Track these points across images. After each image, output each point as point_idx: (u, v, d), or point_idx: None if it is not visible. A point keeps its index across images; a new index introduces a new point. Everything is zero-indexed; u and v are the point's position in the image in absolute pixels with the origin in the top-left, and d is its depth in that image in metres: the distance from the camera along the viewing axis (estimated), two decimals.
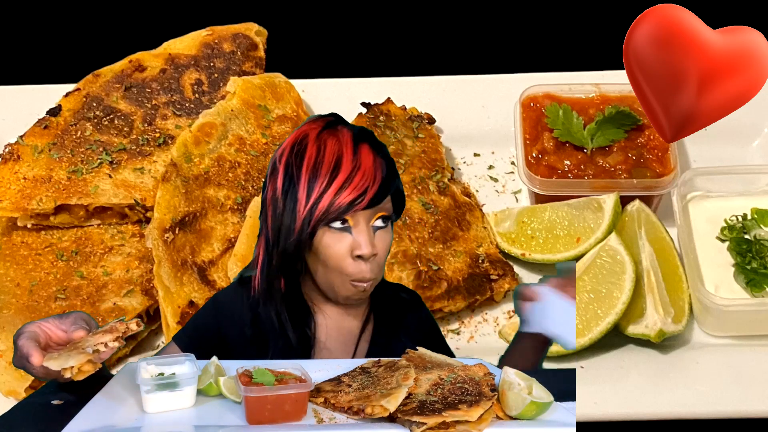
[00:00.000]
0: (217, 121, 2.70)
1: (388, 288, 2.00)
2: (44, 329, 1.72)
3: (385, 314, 1.96)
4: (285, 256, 1.85)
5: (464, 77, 2.98)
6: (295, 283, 1.90)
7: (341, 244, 1.81)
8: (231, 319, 1.92)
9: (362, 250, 1.80)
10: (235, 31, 2.97)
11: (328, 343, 1.92)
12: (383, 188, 1.81)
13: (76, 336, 1.71)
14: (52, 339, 1.72)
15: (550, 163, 2.67)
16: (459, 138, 2.89)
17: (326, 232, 1.82)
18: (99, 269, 2.54)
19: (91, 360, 1.65)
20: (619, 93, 2.76)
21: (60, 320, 1.74)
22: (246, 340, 1.90)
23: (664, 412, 2.32)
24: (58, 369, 1.64)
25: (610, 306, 2.44)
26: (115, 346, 1.68)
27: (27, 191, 2.60)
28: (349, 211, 1.78)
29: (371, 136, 1.89)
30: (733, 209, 2.57)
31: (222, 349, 1.90)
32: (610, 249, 2.51)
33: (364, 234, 1.80)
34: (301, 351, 1.90)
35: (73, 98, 2.80)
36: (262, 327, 1.90)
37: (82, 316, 1.76)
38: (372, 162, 1.82)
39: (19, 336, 1.71)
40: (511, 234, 2.64)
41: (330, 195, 1.79)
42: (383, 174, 1.82)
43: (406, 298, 2.01)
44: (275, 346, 1.89)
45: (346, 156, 1.81)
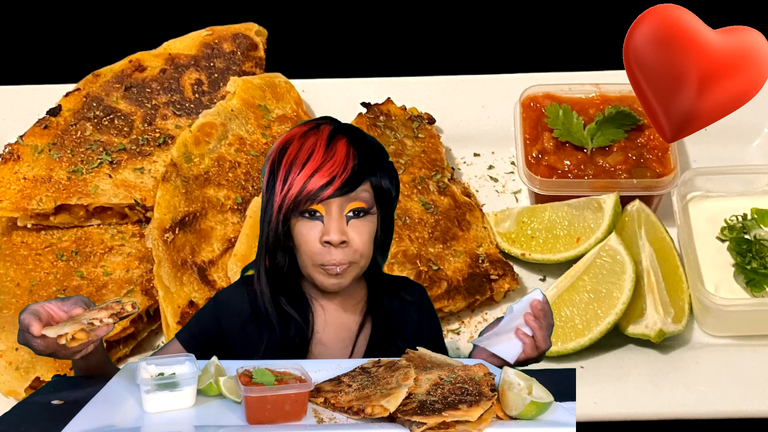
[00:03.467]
0: (217, 121, 2.70)
1: (389, 284, 2.00)
2: (47, 309, 1.77)
3: (384, 315, 1.96)
4: (268, 248, 1.90)
5: (464, 77, 2.98)
6: (285, 274, 1.92)
7: (313, 231, 1.85)
8: (231, 316, 1.94)
9: (329, 236, 1.83)
10: (235, 31, 2.97)
11: (325, 337, 1.93)
12: (354, 177, 1.84)
13: (74, 312, 1.77)
14: (54, 318, 1.76)
15: (550, 163, 2.67)
16: (459, 138, 2.89)
17: (299, 221, 1.86)
18: (99, 269, 2.54)
19: (84, 329, 1.69)
20: (619, 93, 2.77)
21: (62, 302, 1.79)
22: (246, 337, 1.92)
23: (664, 412, 2.32)
24: (54, 336, 1.68)
25: (610, 306, 2.44)
26: (110, 322, 1.72)
27: (27, 191, 2.60)
28: (317, 197, 1.82)
29: (353, 131, 1.91)
30: (733, 209, 2.57)
31: (223, 346, 1.92)
32: (610, 249, 2.51)
33: (333, 221, 1.83)
34: (298, 342, 1.91)
35: (73, 98, 2.80)
36: (259, 321, 1.91)
37: (83, 299, 1.80)
38: (345, 153, 1.85)
39: (22, 312, 1.76)
40: (511, 234, 2.64)
41: (300, 182, 1.83)
42: (355, 164, 1.84)
43: (409, 300, 2.01)
44: (272, 337, 1.90)
45: (319, 148, 1.85)
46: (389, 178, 1.92)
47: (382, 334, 1.94)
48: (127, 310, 1.75)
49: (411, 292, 2.03)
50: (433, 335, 2.01)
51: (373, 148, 1.92)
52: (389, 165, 1.93)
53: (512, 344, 1.87)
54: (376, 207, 1.89)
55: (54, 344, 1.71)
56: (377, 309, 1.96)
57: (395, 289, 2.01)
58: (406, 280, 2.14)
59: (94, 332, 1.71)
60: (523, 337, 1.87)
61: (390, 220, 1.96)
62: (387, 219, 1.94)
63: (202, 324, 1.96)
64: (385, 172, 1.90)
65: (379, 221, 1.90)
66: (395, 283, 2.04)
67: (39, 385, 2.31)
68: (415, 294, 2.03)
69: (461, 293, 2.51)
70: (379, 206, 1.89)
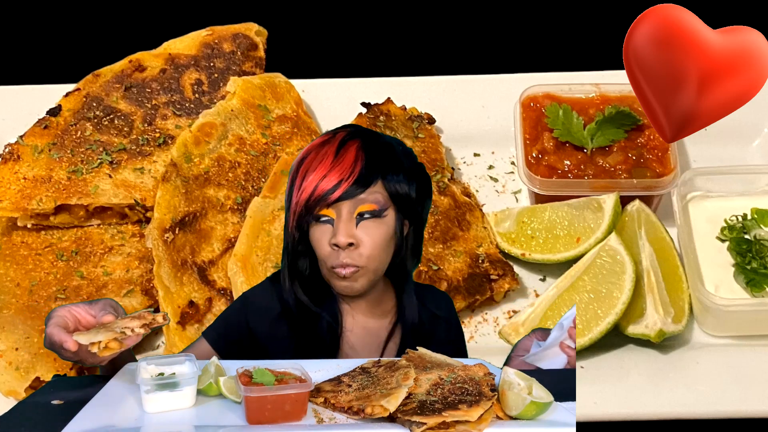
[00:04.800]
0: (217, 121, 2.70)
1: (418, 293, 2.00)
2: (74, 313, 1.77)
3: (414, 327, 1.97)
4: (290, 253, 1.93)
5: (464, 77, 2.98)
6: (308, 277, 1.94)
7: (325, 235, 1.88)
8: (260, 315, 1.96)
9: (336, 238, 1.85)
10: (235, 31, 2.97)
11: (353, 338, 1.94)
12: (362, 179, 1.86)
13: (105, 320, 1.76)
14: (81, 323, 1.77)
15: (550, 163, 2.67)
16: (459, 138, 2.89)
17: (313, 226, 1.89)
18: (99, 269, 2.54)
19: (117, 338, 1.69)
20: (619, 93, 2.76)
21: (89, 306, 1.79)
22: (276, 335, 1.94)
23: (664, 412, 2.32)
24: (87, 343, 1.68)
25: (610, 306, 2.44)
26: (141, 332, 1.72)
27: (27, 191, 2.60)
28: (325, 200, 1.85)
29: (369, 135, 1.93)
30: (733, 209, 2.57)
31: (252, 344, 1.95)
32: (610, 249, 2.51)
33: (342, 224, 1.86)
34: (329, 342, 1.92)
35: (73, 98, 2.80)
36: (290, 319, 1.93)
37: (111, 303, 1.81)
38: (354, 157, 1.87)
39: (49, 321, 1.76)
40: (511, 234, 2.64)
41: (310, 187, 1.87)
42: (363, 166, 1.86)
43: (439, 315, 2.02)
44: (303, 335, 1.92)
45: (329, 154, 1.89)
46: (408, 180, 1.91)
47: (412, 346, 1.93)
48: (158, 321, 1.76)
49: (439, 305, 2.04)
50: (458, 349, 2.03)
51: (389, 150, 1.92)
52: (411, 168, 1.93)
53: (559, 359, 1.89)
54: (394, 210, 1.89)
55: (84, 351, 1.71)
56: (407, 320, 1.97)
57: (423, 299, 2.01)
58: (433, 289, 2.15)
59: (125, 341, 1.71)
60: (567, 350, 1.88)
61: (420, 223, 1.96)
62: (416, 222, 1.95)
63: (230, 323, 1.98)
64: (401, 175, 1.90)
65: (398, 223, 1.90)
66: (423, 291, 2.04)
67: (39, 385, 2.31)
68: (443, 309, 2.05)
69: (461, 293, 2.51)
70: (397, 209, 1.90)
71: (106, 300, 1.81)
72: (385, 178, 1.88)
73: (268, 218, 2.52)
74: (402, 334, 1.96)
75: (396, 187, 1.89)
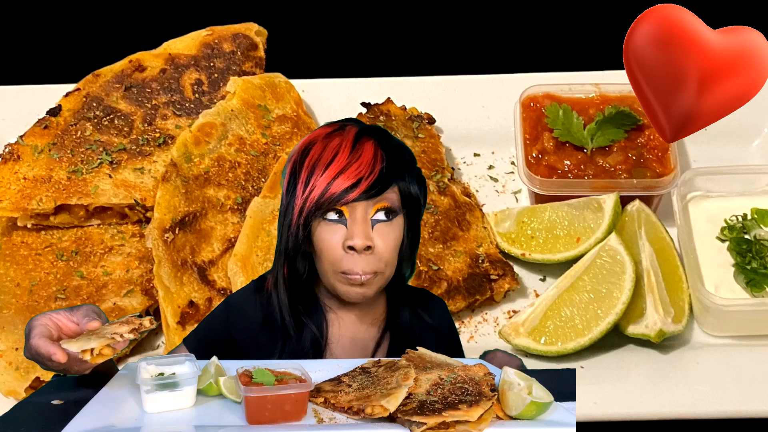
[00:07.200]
0: (217, 121, 2.70)
1: (410, 299, 1.91)
2: (55, 321, 1.69)
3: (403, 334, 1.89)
4: (287, 254, 1.82)
5: (464, 77, 2.98)
6: (304, 282, 1.85)
7: (335, 236, 1.76)
8: (242, 324, 1.88)
9: (353, 241, 1.73)
10: (235, 31, 2.97)
11: (338, 349, 1.86)
12: (382, 180, 1.75)
13: (90, 326, 1.69)
14: (63, 331, 1.69)
15: (550, 163, 2.67)
16: (459, 138, 2.89)
17: (321, 223, 1.76)
18: (99, 269, 2.54)
19: (109, 345, 1.66)
20: (619, 93, 2.76)
21: (71, 313, 1.71)
22: (258, 345, 1.86)
23: (664, 412, 2.32)
24: (78, 351, 1.64)
25: (610, 306, 2.44)
26: (130, 337, 1.69)
27: (27, 191, 2.60)
28: (341, 200, 1.73)
29: (381, 133, 1.83)
30: (733, 209, 2.57)
31: (233, 353, 1.86)
32: (610, 249, 2.51)
33: (358, 225, 1.74)
34: (312, 354, 1.84)
35: (73, 98, 2.80)
36: (272, 328, 1.86)
37: (94, 309, 1.73)
38: (372, 155, 1.76)
39: (31, 331, 1.68)
40: (511, 234, 2.64)
41: (323, 184, 1.74)
42: (383, 166, 1.75)
43: (429, 323, 1.91)
44: (287, 346, 1.84)
45: (344, 149, 1.76)
46: (418, 183, 1.83)
47: (400, 354, 1.84)
48: (145, 325, 1.71)
49: (432, 313, 1.94)
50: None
51: (402, 151, 1.84)
52: (418, 171, 1.85)
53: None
54: (403, 213, 1.80)
55: (73, 359, 1.65)
56: (397, 327, 1.89)
57: (415, 306, 1.92)
58: (427, 294, 2.02)
59: (116, 347, 1.68)
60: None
61: (417, 227, 1.86)
62: (414, 226, 1.85)
63: (211, 330, 1.91)
64: (414, 178, 1.82)
65: (406, 228, 1.81)
66: (416, 298, 1.94)
67: (39, 385, 2.31)
68: (436, 317, 1.94)
69: (461, 293, 2.51)
70: (406, 212, 1.81)
71: (88, 306, 1.72)
72: (404, 179, 1.79)
73: (268, 218, 2.52)
74: (390, 343, 1.88)
75: (409, 189, 1.80)
